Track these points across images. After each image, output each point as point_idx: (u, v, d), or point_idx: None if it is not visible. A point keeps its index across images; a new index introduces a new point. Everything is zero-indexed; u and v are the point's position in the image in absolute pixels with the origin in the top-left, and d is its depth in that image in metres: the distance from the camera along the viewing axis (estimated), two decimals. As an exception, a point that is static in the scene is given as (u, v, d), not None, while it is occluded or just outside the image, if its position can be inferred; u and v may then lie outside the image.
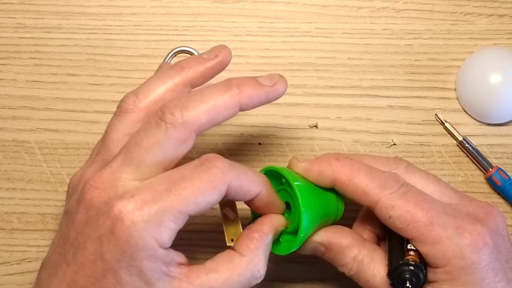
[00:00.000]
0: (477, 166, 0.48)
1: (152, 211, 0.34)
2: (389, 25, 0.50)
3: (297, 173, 0.39)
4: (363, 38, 0.50)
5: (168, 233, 0.34)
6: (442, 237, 0.36)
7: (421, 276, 0.36)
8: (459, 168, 0.48)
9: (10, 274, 0.48)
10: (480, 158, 0.48)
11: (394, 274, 0.36)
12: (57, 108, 0.49)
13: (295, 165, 0.40)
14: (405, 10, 0.50)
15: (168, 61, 0.49)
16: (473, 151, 0.48)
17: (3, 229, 0.48)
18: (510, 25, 0.50)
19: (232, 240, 0.38)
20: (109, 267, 0.34)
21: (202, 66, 0.39)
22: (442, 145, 0.49)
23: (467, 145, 0.48)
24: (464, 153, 0.48)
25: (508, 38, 0.50)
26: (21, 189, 0.48)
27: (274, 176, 0.39)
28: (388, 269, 0.37)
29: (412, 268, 0.35)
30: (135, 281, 0.35)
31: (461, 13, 0.50)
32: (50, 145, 0.49)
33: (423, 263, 0.36)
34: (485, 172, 0.48)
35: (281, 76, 0.39)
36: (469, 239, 0.36)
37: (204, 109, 0.36)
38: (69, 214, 0.37)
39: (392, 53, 0.49)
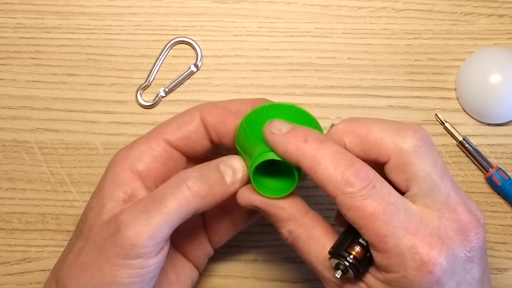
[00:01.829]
0: (477, 166, 0.48)
1: (141, 214, 0.36)
2: (389, 25, 0.50)
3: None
4: (363, 38, 0.50)
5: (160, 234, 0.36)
6: (392, 252, 0.33)
7: (354, 272, 0.35)
8: (459, 168, 0.48)
9: (10, 274, 0.48)
10: (480, 158, 0.48)
11: (333, 257, 0.35)
12: (57, 108, 0.49)
13: (266, 133, 0.36)
14: (405, 10, 0.50)
15: (166, 52, 0.49)
16: (473, 151, 0.48)
17: (3, 229, 0.48)
18: (510, 25, 0.50)
19: None
20: (83, 234, 0.38)
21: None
22: (442, 145, 0.49)
23: (467, 145, 0.48)
24: (464, 153, 0.48)
25: (508, 38, 0.50)
26: (21, 189, 0.48)
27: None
28: (330, 249, 0.36)
29: (347, 263, 0.34)
30: (93, 202, 0.39)
31: (461, 13, 0.50)
32: (50, 145, 0.49)
33: (366, 260, 0.35)
34: (485, 172, 0.48)
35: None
36: (417, 263, 0.33)
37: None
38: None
39: (392, 53, 0.49)
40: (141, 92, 0.49)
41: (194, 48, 0.49)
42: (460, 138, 0.48)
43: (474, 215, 0.35)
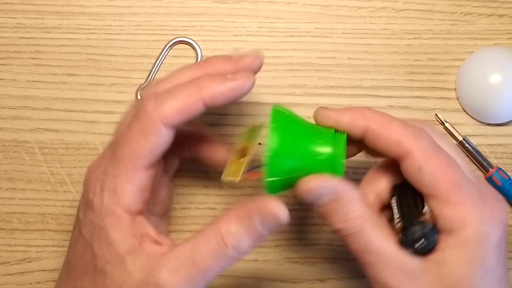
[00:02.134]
0: (477, 166, 0.48)
1: (106, 180, 0.36)
2: (389, 25, 0.50)
3: (324, 123, 0.37)
4: (363, 38, 0.50)
5: (125, 195, 0.35)
6: (467, 200, 0.34)
7: (433, 239, 0.34)
8: (459, 168, 0.48)
9: (10, 274, 0.48)
10: (480, 158, 0.48)
11: (408, 232, 0.35)
12: (57, 108, 0.49)
13: (324, 114, 0.37)
14: (405, 10, 0.50)
15: (166, 52, 0.49)
16: (473, 151, 0.48)
17: (3, 229, 0.48)
18: (510, 25, 0.50)
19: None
20: (86, 241, 0.36)
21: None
22: (442, 145, 0.49)
23: (467, 145, 0.48)
24: (464, 153, 0.48)
25: (508, 38, 0.50)
26: (21, 189, 0.48)
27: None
28: (402, 225, 0.35)
29: (426, 230, 0.34)
30: (106, 254, 0.35)
31: (461, 13, 0.50)
32: (50, 145, 0.49)
33: (437, 228, 0.35)
34: (485, 172, 0.48)
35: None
36: (490, 211, 0.35)
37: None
38: None
39: (392, 53, 0.49)
40: (141, 92, 0.49)
41: (194, 48, 0.49)
42: (460, 138, 0.48)
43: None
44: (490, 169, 0.47)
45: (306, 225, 0.48)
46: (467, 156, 0.48)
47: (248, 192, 0.48)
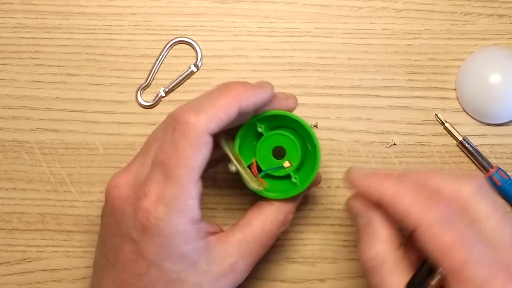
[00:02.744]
0: (477, 166, 0.48)
1: (168, 202, 0.36)
2: (389, 25, 0.50)
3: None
4: (363, 38, 0.50)
5: (190, 209, 0.37)
6: (469, 281, 0.33)
7: None
8: (459, 168, 0.48)
9: (10, 274, 0.48)
10: (480, 158, 0.48)
11: None
12: (57, 108, 0.49)
13: (348, 175, 0.39)
14: (405, 10, 0.50)
15: (166, 52, 0.49)
16: (473, 151, 0.48)
17: (3, 229, 0.48)
18: (510, 25, 0.50)
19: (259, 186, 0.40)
20: (151, 262, 0.37)
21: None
22: (442, 145, 0.49)
23: (467, 145, 0.48)
24: (464, 153, 0.48)
25: (508, 38, 0.50)
26: (21, 189, 0.48)
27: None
28: (408, 282, 0.36)
29: None
30: (179, 266, 0.37)
31: (461, 13, 0.50)
32: (50, 145, 0.49)
33: None
34: (485, 172, 0.48)
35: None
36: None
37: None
38: (102, 216, 0.40)
39: (392, 53, 0.49)
40: (141, 92, 0.49)
41: (194, 48, 0.49)
42: (460, 138, 0.48)
43: None
44: (490, 169, 0.47)
45: (306, 225, 0.48)
46: (467, 156, 0.48)
47: (248, 192, 0.48)
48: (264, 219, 0.40)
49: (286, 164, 0.41)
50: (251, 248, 0.40)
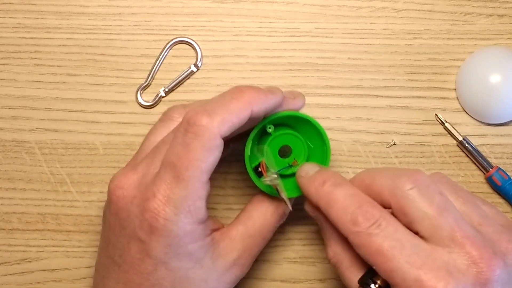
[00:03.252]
0: (477, 166, 0.48)
1: (177, 203, 0.36)
2: (389, 25, 0.50)
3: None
4: (363, 38, 0.50)
5: (198, 210, 0.37)
6: (400, 285, 0.34)
7: None
8: (459, 168, 0.48)
9: (10, 274, 0.48)
10: (480, 158, 0.48)
11: (361, 286, 0.36)
12: (57, 108, 0.49)
13: (296, 176, 0.40)
14: (405, 10, 0.50)
15: (166, 52, 0.49)
16: (473, 151, 0.48)
17: (3, 229, 0.48)
18: (510, 25, 0.50)
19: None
20: (158, 261, 0.37)
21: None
22: (442, 145, 0.49)
23: (467, 145, 0.48)
24: (464, 153, 0.48)
25: (508, 38, 0.50)
26: (21, 189, 0.48)
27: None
28: (359, 278, 0.37)
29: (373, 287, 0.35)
30: (186, 263, 0.37)
31: (461, 13, 0.50)
32: (50, 145, 0.49)
33: None
34: (485, 172, 0.48)
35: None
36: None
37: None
38: (104, 216, 0.40)
39: (392, 53, 0.49)
40: (141, 92, 0.49)
41: (194, 48, 0.49)
42: (460, 138, 0.48)
43: (487, 245, 0.34)
44: (490, 169, 0.47)
45: (306, 225, 0.48)
46: (467, 156, 0.48)
47: (248, 192, 0.48)
48: (265, 212, 0.41)
49: (295, 163, 0.42)
50: (253, 241, 0.40)
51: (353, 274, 0.37)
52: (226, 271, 0.39)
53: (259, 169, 0.41)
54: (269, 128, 0.41)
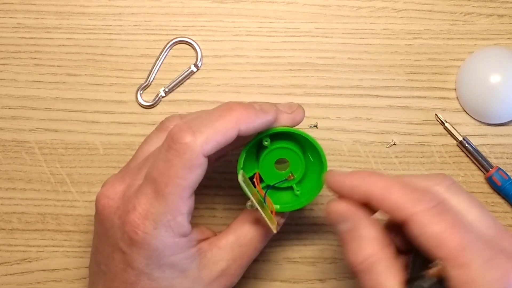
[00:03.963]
0: (477, 166, 0.48)
1: (156, 218, 0.36)
2: (389, 25, 0.50)
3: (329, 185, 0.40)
4: (363, 38, 0.50)
5: (179, 225, 0.36)
6: (472, 263, 0.33)
7: None
8: (459, 168, 0.48)
9: (10, 274, 0.48)
10: (480, 158, 0.48)
11: (409, 284, 0.34)
12: (57, 108, 0.49)
13: (329, 177, 0.38)
14: (405, 10, 0.50)
15: (166, 52, 0.49)
16: (473, 151, 0.48)
17: (3, 229, 0.48)
18: (510, 25, 0.50)
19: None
20: (140, 272, 0.37)
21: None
22: (442, 145, 0.49)
23: (467, 145, 0.48)
24: (464, 153, 0.48)
25: (508, 38, 0.50)
26: (21, 189, 0.48)
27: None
28: (407, 278, 0.35)
29: (425, 285, 0.34)
30: (169, 274, 0.37)
31: (461, 13, 0.50)
32: (50, 145, 0.49)
33: (443, 283, 0.34)
34: (485, 172, 0.48)
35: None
36: (499, 274, 0.33)
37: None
38: (94, 222, 0.40)
39: (392, 53, 0.49)
40: (141, 92, 0.49)
41: (194, 48, 0.49)
42: (460, 138, 0.48)
43: None
44: (490, 169, 0.47)
45: (306, 225, 0.48)
46: (467, 156, 0.48)
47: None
48: (257, 223, 0.40)
49: (290, 177, 0.41)
50: (244, 251, 0.40)
51: (393, 276, 0.35)
52: (214, 281, 0.39)
53: (254, 179, 0.40)
54: (266, 141, 0.40)
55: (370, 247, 0.35)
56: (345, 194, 0.37)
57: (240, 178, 0.38)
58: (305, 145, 0.41)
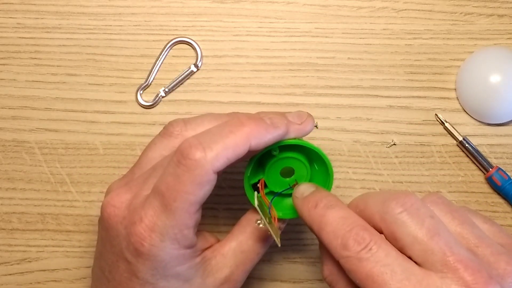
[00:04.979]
0: (477, 166, 0.48)
1: (163, 231, 0.36)
2: (389, 25, 0.50)
3: None
4: (363, 38, 0.50)
5: (185, 238, 0.36)
6: None
7: None
8: (459, 168, 0.48)
9: (10, 274, 0.48)
10: (480, 158, 0.48)
11: None
12: (57, 108, 0.49)
13: (292, 197, 0.39)
14: (405, 10, 0.50)
15: (166, 52, 0.49)
16: (473, 151, 0.48)
17: (3, 229, 0.48)
18: (510, 25, 0.50)
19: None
20: (146, 282, 0.37)
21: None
22: (442, 145, 0.49)
23: (467, 145, 0.48)
24: (464, 153, 0.48)
25: (508, 38, 0.50)
26: (21, 189, 0.48)
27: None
28: None
29: None
30: (174, 284, 0.37)
31: (461, 13, 0.50)
32: (50, 145, 0.49)
33: None
34: (485, 172, 0.48)
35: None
36: None
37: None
38: (99, 228, 0.40)
39: (392, 53, 0.49)
40: (141, 92, 0.49)
41: (194, 48, 0.49)
42: (460, 138, 0.48)
43: (482, 269, 0.33)
44: (490, 169, 0.47)
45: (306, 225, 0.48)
46: (467, 156, 0.48)
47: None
48: (258, 227, 0.40)
49: (295, 185, 0.41)
50: (246, 256, 0.40)
51: None
52: None
53: (258, 185, 0.40)
54: (275, 152, 0.40)
55: (331, 265, 0.36)
56: (301, 219, 0.38)
57: (256, 203, 0.38)
58: (312, 156, 0.41)
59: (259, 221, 0.38)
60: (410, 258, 0.33)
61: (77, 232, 0.48)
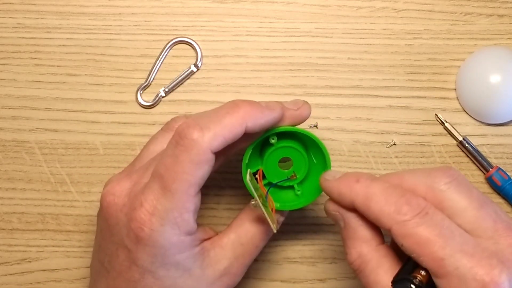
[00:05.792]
0: (477, 166, 0.48)
1: (163, 214, 0.36)
2: (389, 25, 0.50)
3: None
4: (363, 38, 0.50)
5: (185, 223, 0.37)
6: (452, 275, 0.33)
7: None
8: (459, 168, 0.48)
9: (10, 274, 0.48)
10: (480, 158, 0.48)
11: (396, 285, 0.35)
12: (57, 108, 0.49)
13: (322, 181, 0.39)
14: (405, 10, 0.50)
15: (166, 52, 0.49)
16: (473, 151, 0.48)
17: (3, 229, 0.48)
18: (510, 25, 0.50)
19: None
20: (145, 270, 0.37)
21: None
22: (442, 145, 0.49)
23: (467, 145, 0.48)
24: (464, 153, 0.48)
25: (508, 38, 0.50)
26: (21, 189, 0.48)
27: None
28: (393, 278, 0.35)
29: (413, 286, 0.34)
30: (173, 273, 0.37)
31: (461, 13, 0.50)
32: (50, 145, 0.49)
33: (431, 285, 0.34)
34: (485, 172, 0.48)
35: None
36: (480, 283, 0.32)
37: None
38: (97, 220, 0.40)
39: (392, 53, 0.49)
40: (141, 92, 0.49)
41: (194, 48, 0.49)
42: (460, 138, 0.48)
43: None
44: (490, 169, 0.47)
45: (306, 225, 0.48)
46: (467, 156, 0.48)
47: (248, 192, 0.48)
48: (257, 220, 0.40)
49: (293, 176, 0.41)
50: (245, 249, 0.40)
51: (380, 276, 0.36)
52: (217, 280, 0.39)
53: (256, 175, 0.40)
54: (272, 139, 0.40)
55: (359, 247, 0.37)
56: (336, 201, 0.38)
57: (247, 178, 0.38)
58: (309, 146, 0.41)
59: (253, 202, 0.38)
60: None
61: (77, 232, 0.48)
